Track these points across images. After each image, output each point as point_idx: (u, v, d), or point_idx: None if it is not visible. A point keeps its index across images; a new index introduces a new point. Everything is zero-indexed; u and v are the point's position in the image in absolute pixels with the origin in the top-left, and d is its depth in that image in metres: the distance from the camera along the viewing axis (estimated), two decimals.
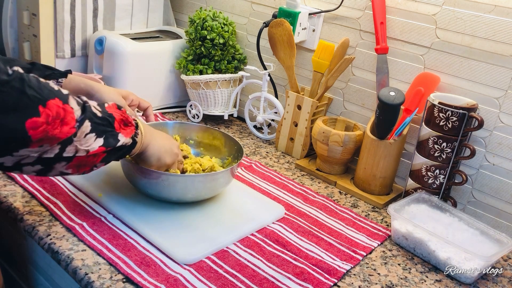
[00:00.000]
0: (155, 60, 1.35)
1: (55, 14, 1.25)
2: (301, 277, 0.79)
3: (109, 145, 0.73)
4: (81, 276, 0.73)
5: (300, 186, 1.10)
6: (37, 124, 0.62)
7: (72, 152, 0.68)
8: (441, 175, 1.01)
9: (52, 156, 0.67)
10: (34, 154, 0.65)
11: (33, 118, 0.61)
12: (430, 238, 0.87)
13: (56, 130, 0.64)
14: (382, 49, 1.10)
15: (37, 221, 0.84)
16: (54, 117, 0.63)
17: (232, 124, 1.42)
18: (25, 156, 0.64)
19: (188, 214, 0.90)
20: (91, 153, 0.71)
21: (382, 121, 1.03)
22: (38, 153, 0.65)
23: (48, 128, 0.63)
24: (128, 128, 0.76)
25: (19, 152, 0.63)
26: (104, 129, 0.72)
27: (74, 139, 0.67)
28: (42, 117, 0.62)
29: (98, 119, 0.71)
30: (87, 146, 0.70)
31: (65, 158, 0.69)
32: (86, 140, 0.69)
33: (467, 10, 0.98)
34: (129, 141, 0.77)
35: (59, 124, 0.64)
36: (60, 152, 0.67)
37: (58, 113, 0.64)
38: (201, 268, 0.78)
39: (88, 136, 0.69)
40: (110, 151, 0.74)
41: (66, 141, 0.66)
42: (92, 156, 0.72)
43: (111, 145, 0.73)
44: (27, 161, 0.66)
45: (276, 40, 1.22)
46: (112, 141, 0.73)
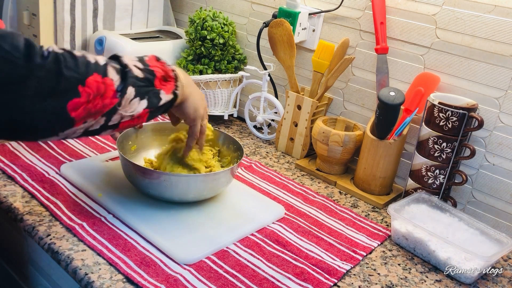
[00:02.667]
0: None
1: (55, 14, 1.25)
2: (301, 277, 0.79)
3: (152, 105, 0.72)
4: (81, 276, 0.73)
5: (300, 186, 1.10)
6: (79, 105, 0.61)
7: (117, 120, 0.68)
8: (441, 175, 1.01)
9: (98, 128, 0.66)
10: (80, 130, 0.64)
11: (74, 99, 0.60)
12: (430, 238, 0.87)
13: (98, 106, 0.63)
14: (382, 49, 1.10)
15: (37, 221, 0.84)
16: (95, 95, 0.62)
17: (232, 124, 1.42)
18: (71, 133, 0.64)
19: (188, 214, 0.90)
20: (136, 115, 0.70)
21: (382, 121, 1.03)
22: (83, 129, 0.65)
23: (89, 106, 0.62)
24: (168, 84, 0.75)
25: (65, 132, 0.63)
26: (147, 89, 0.71)
27: (118, 108, 0.67)
28: (83, 97, 0.61)
29: (140, 81, 0.70)
30: (132, 112, 0.69)
31: (111, 126, 0.68)
32: (130, 105, 0.69)
33: (467, 10, 0.98)
34: (171, 97, 0.76)
35: (100, 100, 0.63)
36: (106, 122, 0.67)
37: (99, 89, 0.63)
38: (201, 268, 0.78)
39: (133, 101, 0.69)
40: (154, 110, 0.74)
41: (111, 111, 0.66)
42: (137, 118, 0.71)
43: (154, 105, 0.73)
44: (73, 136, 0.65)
45: (276, 40, 1.22)
46: (155, 100, 0.73)
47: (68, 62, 0.60)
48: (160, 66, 0.75)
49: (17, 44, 0.56)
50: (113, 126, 0.69)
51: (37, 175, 0.97)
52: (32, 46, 0.57)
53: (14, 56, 0.55)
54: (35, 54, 0.57)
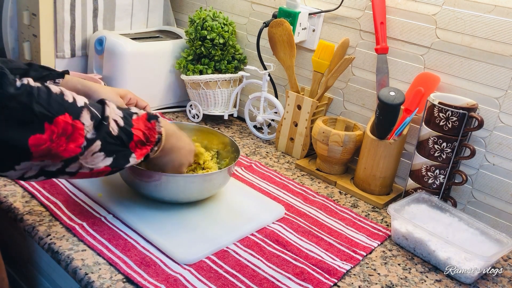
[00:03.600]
0: (155, 60, 1.35)
1: (55, 14, 1.25)
2: (301, 277, 0.79)
3: (116, 165, 0.70)
4: (81, 276, 0.73)
5: (300, 186, 1.10)
6: (40, 141, 0.60)
7: (75, 169, 0.66)
8: (441, 175, 1.01)
9: (54, 170, 0.65)
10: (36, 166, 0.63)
11: (36, 134, 0.59)
12: (430, 238, 0.87)
13: (60, 148, 0.62)
14: (382, 49, 1.10)
15: (37, 221, 0.84)
16: (59, 134, 0.61)
17: (232, 124, 1.42)
18: (27, 169, 0.62)
19: (188, 214, 0.90)
20: (95, 171, 0.68)
21: (382, 121, 1.03)
22: (39, 166, 0.63)
23: (52, 145, 0.61)
24: (144, 149, 0.73)
25: (21, 166, 0.61)
26: (116, 148, 0.69)
27: (80, 157, 0.65)
28: (46, 134, 0.60)
29: (112, 138, 0.68)
30: (93, 165, 0.67)
31: (68, 173, 0.66)
32: (92, 158, 0.66)
33: (467, 10, 0.98)
34: (139, 161, 0.74)
35: (65, 141, 0.62)
36: (63, 168, 0.65)
37: (65, 130, 0.62)
38: (201, 268, 0.78)
39: (96, 154, 0.67)
40: (117, 169, 0.71)
41: (71, 159, 0.64)
42: (96, 173, 0.69)
43: (119, 166, 0.70)
44: (30, 174, 0.63)
45: (276, 40, 1.22)
46: (121, 162, 0.70)
47: (40, 98, 0.60)
48: (144, 129, 0.73)
49: None
50: (70, 173, 0.67)
51: None
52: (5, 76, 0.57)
53: None
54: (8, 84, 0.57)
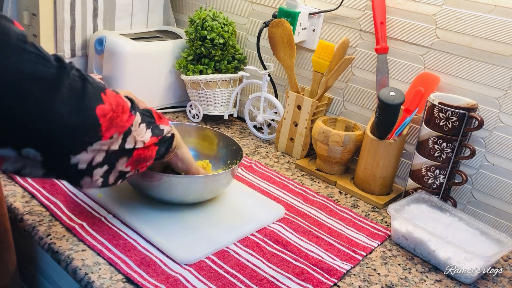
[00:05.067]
0: (155, 60, 1.35)
1: (55, 14, 1.25)
2: (301, 277, 0.79)
3: (157, 135, 0.75)
4: (81, 276, 0.73)
5: (300, 186, 1.10)
6: (105, 111, 0.63)
7: (132, 144, 0.69)
8: (441, 175, 1.01)
9: (117, 148, 0.67)
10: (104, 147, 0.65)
11: (100, 105, 0.62)
12: (430, 238, 0.87)
13: (119, 118, 0.66)
14: (382, 49, 1.10)
15: (37, 221, 0.84)
16: (116, 104, 0.65)
17: (232, 124, 1.42)
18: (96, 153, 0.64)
19: (188, 214, 0.90)
20: (146, 144, 0.72)
21: (382, 121, 1.03)
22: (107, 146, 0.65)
23: (113, 115, 0.64)
24: (163, 119, 0.79)
25: (93, 146, 0.63)
26: (149, 120, 0.74)
27: (132, 129, 0.69)
28: (107, 104, 0.64)
29: (142, 110, 0.74)
30: (142, 137, 0.71)
31: (127, 151, 0.69)
32: (140, 130, 0.71)
33: (467, 10, 0.98)
34: (169, 129, 0.79)
35: (121, 112, 0.66)
36: (123, 143, 0.68)
37: (118, 102, 0.66)
38: (201, 268, 0.78)
39: (141, 126, 0.71)
40: (159, 142, 0.76)
41: (127, 131, 0.68)
42: (147, 149, 0.73)
43: (158, 135, 0.75)
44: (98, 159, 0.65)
45: (276, 40, 1.22)
46: (158, 131, 0.76)
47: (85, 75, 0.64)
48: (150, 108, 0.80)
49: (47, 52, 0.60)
50: (129, 151, 0.70)
51: None
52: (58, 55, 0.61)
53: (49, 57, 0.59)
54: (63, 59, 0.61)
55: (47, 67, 0.57)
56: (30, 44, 0.57)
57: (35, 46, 0.57)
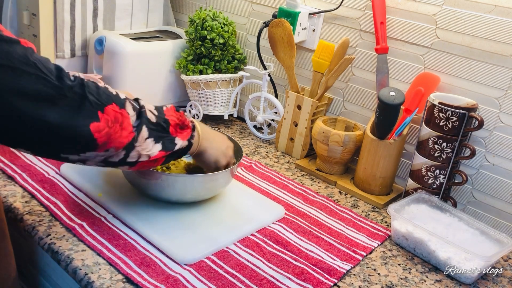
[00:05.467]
0: (155, 60, 1.35)
1: (55, 14, 1.25)
2: (301, 277, 0.79)
3: (167, 149, 0.75)
4: (81, 276, 0.73)
5: (300, 186, 1.10)
6: (100, 128, 0.65)
7: (135, 158, 0.71)
8: (441, 175, 1.01)
9: (117, 161, 0.70)
10: (101, 157, 0.68)
11: (94, 122, 0.64)
12: (430, 238, 0.87)
13: (117, 134, 0.67)
14: (382, 49, 1.10)
15: (37, 221, 0.84)
16: (113, 121, 0.66)
17: (232, 124, 1.42)
18: (92, 157, 0.67)
19: (188, 214, 0.90)
20: (152, 158, 0.73)
21: (382, 121, 1.03)
22: (104, 157, 0.68)
23: (110, 131, 0.66)
24: (184, 132, 0.79)
25: (86, 154, 0.66)
26: (160, 134, 0.74)
27: (135, 144, 0.70)
28: (102, 122, 0.65)
29: (152, 125, 0.73)
30: (148, 151, 0.72)
31: (129, 163, 0.72)
32: (146, 144, 0.72)
33: (467, 10, 0.98)
34: (186, 144, 0.79)
35: (119, 129, 0.67)
36: (125, 157, 0.70)
37: (116, 118, 0.67)
38: (201, 268, 0.78)
39: (148, 141, 0.72)
40: (169, 154, 0.76)
41: (129, 146, 0.69)
42: (153, 161, 0.74)
43: (170, 149, 0.76)
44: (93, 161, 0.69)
45: (276, 40, 1.22)
46: (170, 145, 0.76)
47: (91, 89, 0.65)
48: (177, 116, 0.78)
49: (50, 67, 0.62)
50: (131, 164, 0.72)
51: (37, 175, 0.97)
52: (62, 70, 0.63)
53: (49, 76, 0.61)
54: (65, 77, 0.63)
55: (46, 86, 0.60)
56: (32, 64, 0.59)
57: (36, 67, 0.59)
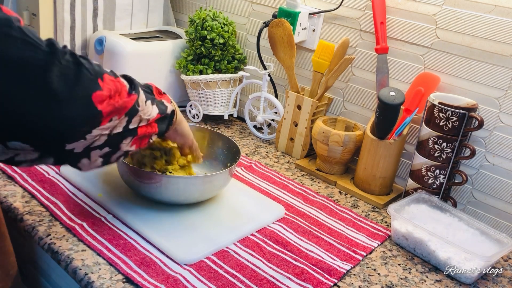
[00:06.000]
0: (155, 60, 1.35)
1: (55, 14, 1.25)
2: (301, 277, 0.79)
3: (162, 111, 0.75)
4: (81, 276, 0.73)
5: (300, 186, 1.10)
6: (103, 98, 0.60)
7: (136, 123, 0.69)
8: (441, 175, 1.01)
9: (121, 131, 0.65)
10: (106, 131, 0.62)
11: (97, 91, 0.59)
12: (430, 238, 0.87)
13: (119, 102, 0.63)
14: (382, 49, 1.10)
15: (37, 221, 0.84)
16: (114, 90, 0.62)
17: (232, 124, 1.42)
18: (96, 138, 0.62)
19: (188, 214, 0.90)
20: (151, 121, 0.72)
21: (382, 121, 1.03)
22: (109, 130, 0.63)
23: (111, 101, 0.62)
24: (164, 96, 0.79)
25: (92, 133, 0.60)
26: (152, 97, 0.74)
27: (138, 108, 0.68)
28: (105, 90, 0.60)
29: (144, 88, 0.72)
30: (148, 115, 0.71)
31: (131, 130, 0.68)
32: (147, 107, 0.70)
33: (467, 10, 0.98)
34: (172, 108, 0.79)
35: (119, 97, 0.64)
36: (127, 124, 0.66)
37: (115, 86, 0.63)
38: (201, 268, 0.78)
39: (147, 103, 0.71)
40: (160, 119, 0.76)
41: (132, 110, 0.66)
42: (151, 125, 0.73)
43: (163, 112, 0.75)
44: (97, 143, 0.63)
45: (276, 40, 1.22)
46: (162, 107, 0.75)
47: (83, 59, 0.60)
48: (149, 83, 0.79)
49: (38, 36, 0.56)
50: (132, 132, 0.68)
51: (37, 175, 0.97)
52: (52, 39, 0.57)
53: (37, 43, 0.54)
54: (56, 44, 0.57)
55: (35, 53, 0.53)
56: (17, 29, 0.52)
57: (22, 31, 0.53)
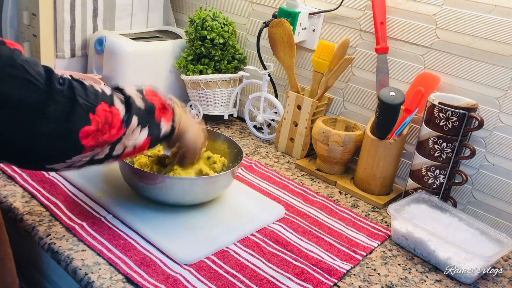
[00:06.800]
0: (155, 60, 1.35)
1: (55, 14, 1.25)
2: (301, 277, 0.79)
3: (154, 135, 0.74)
4: (81, 276, 0.73)
5: (300, 186, 1.10)
6: (89, 132, 0.62)
7: (120, 150, 0.69)
8: (441, 175, 1.01)
9: (103, 157, 0.68)
10: (86, 158, 0.65)
11: (85, 127, 0.61)
12: (430, 238, 0.87)
13: (105, 135, 0.65)
14: (382, 49, 1.10)
15: (37, 221, 0.84)
16: (103, 123, 0.64)
17: (232, 124, 1.42)
18: (76, 161, 0.65)
19: (188, 214, 0.90)
20: (138, 146, 0.72)
21: (382, 121, 1.03)
22: (89, 157, 0.66)
23: (98, 134, 0.63)
24: (167, 113, 0.77)
25: (72, 159, 0.64)
26: (148, 120, 0.73)
27: (122, 138, 0.68)
28: (93, 125, 0.62)
29: (141, 111, 0.72)
30: (134, 141, 0.71)
31: (114, 156, 0.69)
32: (133, 134, 0.70)
33: (467, 10, 0.98)
34: (169, 128, 0.78)
35: (108, 128, 0.65)
36: (110, 152, 0.68)
37: (107, 118, 0.65)
38: (201, 268, 0.78)
39: (135, 130, 0.70)
40: (152, 141, 0.75)
41: (116, 141, 0.67)
42: (139, 148, 0.73)
43: (155, 135, 0.74)
44: (77, 164, 0.66)
45: (276, 40, 1.22)
46: (156, 131, 0.74)
47: (79, 91, 0.62)
48: (157, 98, 0.76)
49: (39, 70, 0.58)
50: (116, 156, 0.70)
51: (37, 175, 0.97)
52: (51, 72, 0.60)
53: (37, 80, 0.57)
54: (54, 80, 0.59)
55: (34, 91, 0.57)
56: (19, 67, 0.56)
57: (24, 69, 0.56)
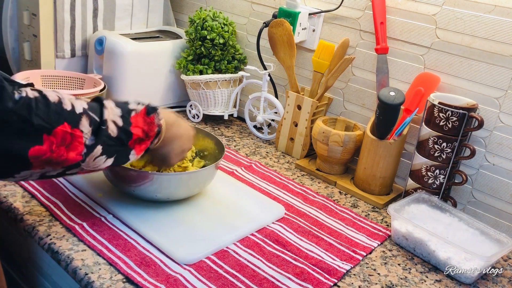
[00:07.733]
0: (155, 60, 1.35)
1: (55, 14, 1.25)
2: (301, 277, 0.79)
3: (117, 163, 0.72)
4: (81, 276, 0.73)
5: (300, 186, 1.10)
6: (40, 152, 0.60)
7: (76, 171, 0.68)
8: (441, 175, 1.01)
9: (54, 174, 0.66)
10: (37, 174, 0.64)
11: (35, 146, 0.60)
12: (430, 238, 0.87)
13: (61, 158, 0.63)
14: (382, 49, 1.10)
15: (37, 221, 0.84)
16: (58, 144, 0.62)
17: (232, 124, 1.42)
18: (27, 176, 0.64)
19: (188, 214, 0.90)
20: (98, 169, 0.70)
21: (382, 121, 1.03)
22: (40, 173, 0.64)
23: (52, 155, 0.62)
24: (143, 144, 0.73)
25: (21, 174, 0.62)
26: (116, 149, 0.70)
27: (81, 164, 0.66)
28: (45, 145, 0.61)
29: (111, 140, 0.68)
30: (94, 167, 0.69)
31: (68, 174, 0.68)
32: (94, 162, 0.68)
33: (467, 10, 0.98)
34: (137, 157, 0.75)
35: (65, 151, 0.63)
36: (63, 172, 0.66)
37: (64, 139, 0.62)
38: (201, 268, 0.78)
39: (98, 158, 0.68)
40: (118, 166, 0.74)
41: (72, 165, 0.65)
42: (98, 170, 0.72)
43: (120, 163, 0.72)
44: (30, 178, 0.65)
45: (276, 40, 1.22)
46: (122, 160, 0.72)
47: (39, 110, 0.60)
48: (143, 126, 0.72)
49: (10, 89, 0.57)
50: (71, 174, 0.69)
51: None
52: (4, 90, 0.57)
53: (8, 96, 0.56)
54: (7, 99, 0.57)
55: None
56: None
57: None
